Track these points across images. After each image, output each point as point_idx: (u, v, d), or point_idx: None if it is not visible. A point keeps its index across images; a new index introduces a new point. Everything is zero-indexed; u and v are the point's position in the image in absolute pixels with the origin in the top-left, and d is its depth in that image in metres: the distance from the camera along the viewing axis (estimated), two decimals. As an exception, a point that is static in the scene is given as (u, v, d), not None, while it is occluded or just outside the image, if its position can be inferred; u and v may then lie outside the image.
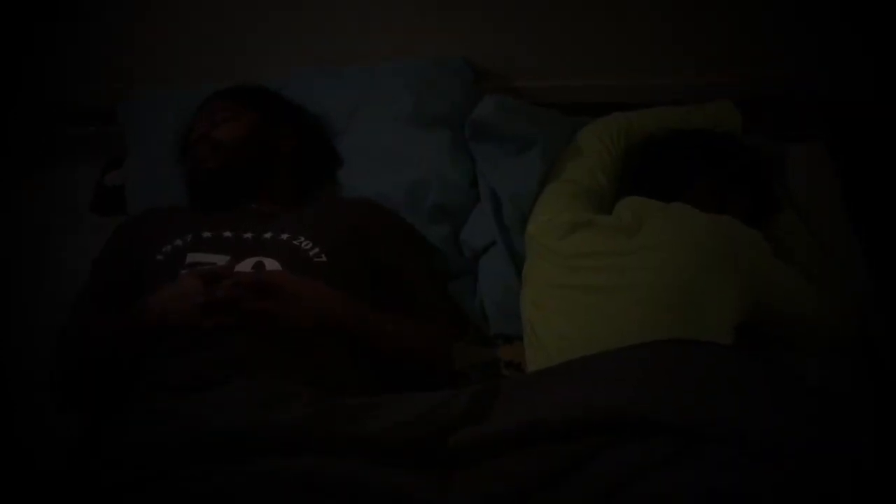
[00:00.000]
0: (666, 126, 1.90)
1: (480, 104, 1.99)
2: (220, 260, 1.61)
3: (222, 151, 1.80)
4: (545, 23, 2.12)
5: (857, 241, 1.81)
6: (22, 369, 1.71)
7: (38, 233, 2.07)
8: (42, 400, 1.60)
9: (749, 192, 1.77)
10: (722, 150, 1.81)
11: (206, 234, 1.68)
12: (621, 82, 2.17)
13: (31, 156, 2.25)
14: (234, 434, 1.27)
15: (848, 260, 1.77)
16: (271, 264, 1.61)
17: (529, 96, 2.14)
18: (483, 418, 1.32)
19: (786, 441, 1.21)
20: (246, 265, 1.60)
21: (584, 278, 1.65)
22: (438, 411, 1.33)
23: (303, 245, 1.67)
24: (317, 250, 1.66)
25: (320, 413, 1.31)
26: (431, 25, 2.14)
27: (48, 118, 2.29)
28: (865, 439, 1.23)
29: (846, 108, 2.06)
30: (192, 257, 1.63)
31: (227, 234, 1.69)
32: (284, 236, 1.68)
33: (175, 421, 1.32)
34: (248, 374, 1.42)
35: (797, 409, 1.28)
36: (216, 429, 1.28)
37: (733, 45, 2.11)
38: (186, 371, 1.44)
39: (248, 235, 1.69)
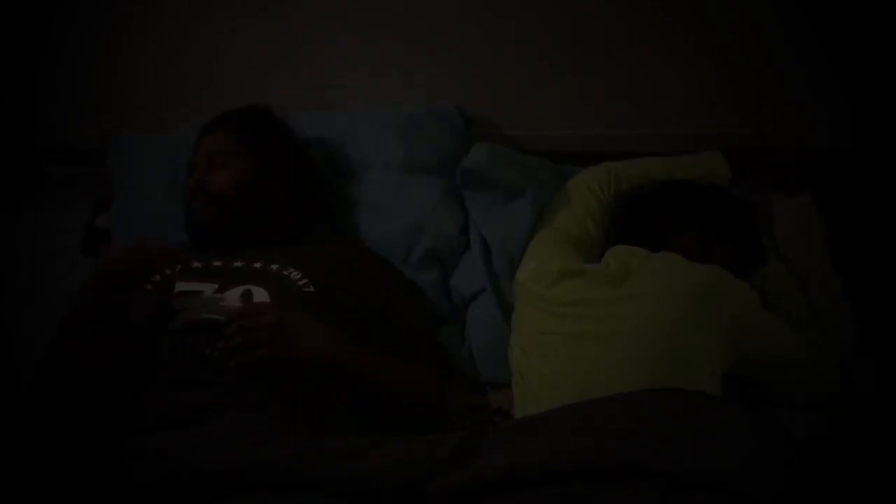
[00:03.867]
0: (654, 175, 1.92)
1: (471, 152, 2.00)
2: (209, 288, 1.60)
3: (216, 202, 1.77)
4: (536, 72, 2.14)
5: (842, 291, 1.82)
6: (8, 409, 1.70)
7: (26, 273, 2.06)
8: (25, 441, 1.58)
9: (736, 242, 1.78)
10: (709, 200, 1.82)
11: (196, 264, 1.68)
12: (610, 132, 2.19)
13: (19, 196, 2.25)
14: (220, 471, 1.26)
15: (834, 310, 1.78)
16: (259, 293, 1.60)
17: (520, 144, 2.15)
18: (469, 463, 1.31)
19: (764, 487, 1.21)
20: (234, 293, 1.59)
21: (571, 326, 1.65)
22: (425, 454, 1.32)
23: (292, 276, 1.67)
24: (305, 281, 1.66)
25: (307, 451, 1.30)
26: (423, 72, 2.16)
27: (38, 158, 2.30)
28: (844, 486, 1.24)
29: (831, 159, 2.08)
30: (180, 286, 1.62)
31: (217, 263, 1.68)
32: (274, 267, 1.68)
33: (162, 458, 1.30)
34: (235, 411, 1.41)
35: (777, 456, 1.28)
36: (203, 466, 1.27)
37: (720, 97, 2.13)
38: (173, 407, 1.42)
39: (238, 264, 1.68)
